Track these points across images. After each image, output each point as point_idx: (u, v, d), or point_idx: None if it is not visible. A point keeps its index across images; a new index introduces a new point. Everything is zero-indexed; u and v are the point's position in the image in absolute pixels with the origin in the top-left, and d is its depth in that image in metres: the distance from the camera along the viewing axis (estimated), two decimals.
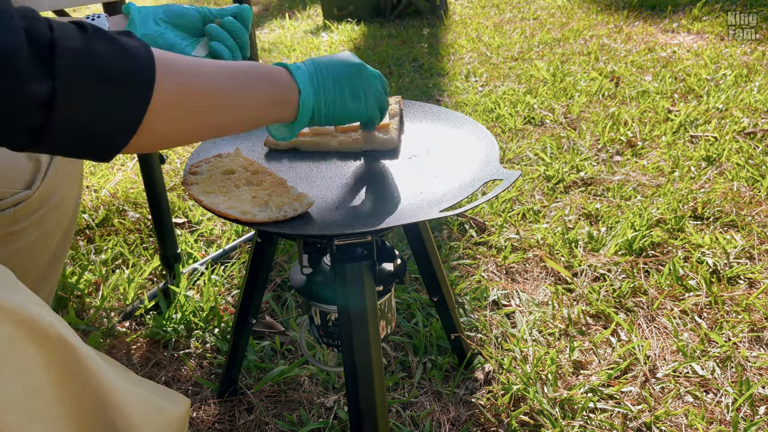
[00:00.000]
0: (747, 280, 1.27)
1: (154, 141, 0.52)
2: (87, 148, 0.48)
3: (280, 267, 1.38)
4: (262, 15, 4.85)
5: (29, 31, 0.41)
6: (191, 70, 0.53)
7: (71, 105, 0.43)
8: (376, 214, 0.63)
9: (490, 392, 1.02)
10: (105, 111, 0.46)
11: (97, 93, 0.45)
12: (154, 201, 1.24)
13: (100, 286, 1.32)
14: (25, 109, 0.42)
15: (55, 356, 0.44)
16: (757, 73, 2.46)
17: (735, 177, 1.66)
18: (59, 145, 0.46)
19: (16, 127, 0.42)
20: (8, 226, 0.71)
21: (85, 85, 0.44)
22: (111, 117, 0.46)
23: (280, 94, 0.60)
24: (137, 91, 0.47)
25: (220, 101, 0.55)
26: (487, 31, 3.57)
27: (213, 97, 0.55)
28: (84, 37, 0.44)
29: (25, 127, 0.43)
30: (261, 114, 0.60)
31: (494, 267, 1.36)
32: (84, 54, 0.44)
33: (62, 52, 0.42)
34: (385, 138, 0.78)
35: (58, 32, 0.43)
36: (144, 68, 0.48)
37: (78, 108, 0.44)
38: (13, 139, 0.44)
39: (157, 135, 0.51)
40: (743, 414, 0.96)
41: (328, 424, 0.97)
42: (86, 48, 0.44)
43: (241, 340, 0.95)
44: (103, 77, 0.45)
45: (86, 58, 0.44)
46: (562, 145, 1.94)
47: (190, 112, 0.53)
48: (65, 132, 0.45)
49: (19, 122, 0.42)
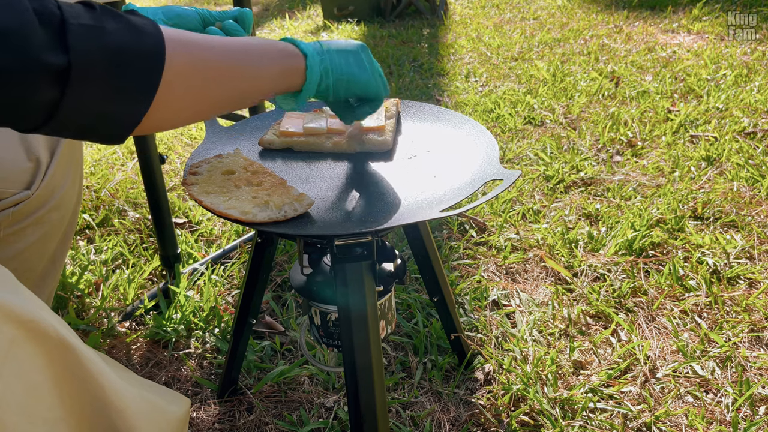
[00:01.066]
0: (747, 280, 1.27)
1: (167, 116, 0.52)
2: (101, 126, 0.48)
3: (280, 267, 1.38)
4: (262, 15, 4.85)
5: (39, 10, 0.42)
6: (200, 44, 0.53)
7: (86, 80, 0.44)
8: (376, 214, 0.63)
9: (490, 392, 1.02)
10: (119, 86, 0.46)
11: (110, 68, 0.45)
12: (154, 201, 1.23)
13: (100, 286, 1.32)
14: (40, 85, 0.42)
15: (55, 357, 0.44)
16: (757, 73, 2.46)
17: (735, 177, 1.66)
18: (74, 122, 0.46)
19: (32, 103, 0.43)
20: (8, 227, 0.71)
21: (98, 59, 0.44)
22: (125, 92, 0.47)
23: (289, 61, 0.61)
24: (149, 65, 0.48)
25: (231, 73, 0.56)
26: (487, 31, 3.57)
27: (224, 69, 0.55)
28: (93, 15, 0.45)
29: (41, 102, 0.43)
30: (271, 83, 0.61)
31: (494, 267, 1.36)
32: (95, 30, 0.44)
33: (73, 28, 0.43)
34: (379, 140, 0.78)
35: (66, 11, 0.43)
36: (154, 44, 0.48)
37: (92, 83, 0.44)
38: (29, 117, 0.44)
39: (170, 110, 0.51)
40: (743, 414, 0.96)
41: (328, 424, 0.97)
42: (97, 24, 0.44)
43: (241, 340, 0.95)
44: (115, 52, 0.45)
45: (97, 34, 0.44)
46: (562, 145, 1.94)
47: (201, 86, 0.53)
48: (80, 108, 0.45)
49: (35, 98, 0.42)
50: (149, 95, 0.48)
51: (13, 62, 0.40)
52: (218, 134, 0.84)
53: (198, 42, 0.53)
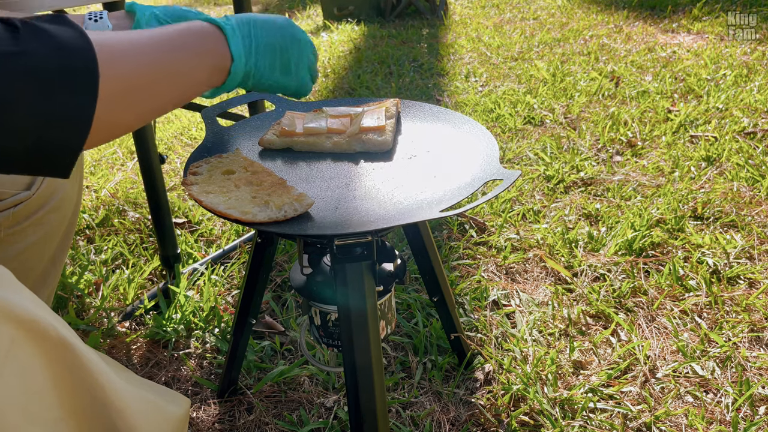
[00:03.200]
0: (747, 281, 1.27)
1: (106, 133, 0.49)
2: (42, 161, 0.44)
3: (280, 267, 1.38)
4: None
5: None
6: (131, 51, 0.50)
7: (10, 116, 0.40)
8: (376, 214, 0.63)
9: (490, 392, 1.02)
10: (51, 116, 0.42)
11: (38, 98, 0.41)
12: (154, 201, 1.23)
13: (100, 286, 1.32)
14: None
15: (54, 357, 0.44)
16: (757, 73, 2.46)
17: (735, 177, 1.66)
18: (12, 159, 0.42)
19: None
20: (8, 227, 0.71)
21: (21, 91, 0.40)
22: (59, 121, 0.43)
23: (216, 63, 0.60)
24: (82, 87, 0.44)
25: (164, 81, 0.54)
26: (487, 31, 3.57)
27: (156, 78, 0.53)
28: (13, 38, 0.41)
29: None
30: (199, 87, 0.59)
31: (494, 267, 1.36)
32: (14, 57, 0.40)
33: None
34: (379, 140, 0.78)
35: None
36: (85, 61, 0.44)
37: (19, 118, 0.41)
38: None
39: (112, 126, 0.49)
40: (743, 414, 0.96)
41: (328, 424, 0.97)
42: (16, 51, 0.40)
43: (241, 340, 0.95)
44: (41, 79, 0.41)
45: (19, 62, 0.40)
46: (562, 145, 1.94)
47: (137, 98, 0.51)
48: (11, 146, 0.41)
49: None
50: (87, 118, 0.45)
51: None
52: (218, 134, 0.84)
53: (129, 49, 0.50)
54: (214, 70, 0.60)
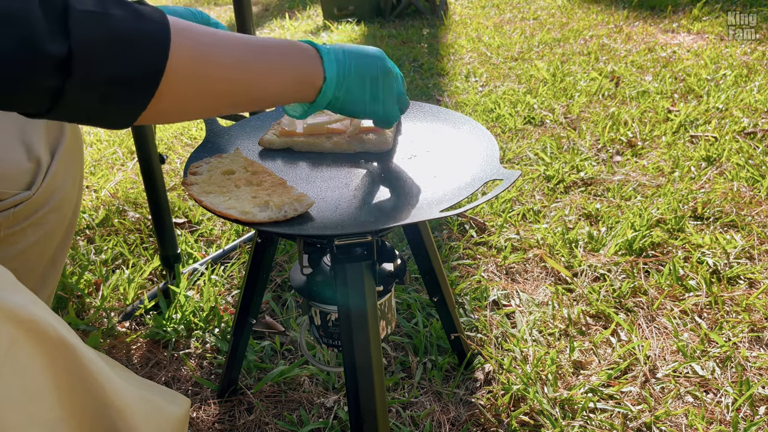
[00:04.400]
0: (747, 281, 1.27)
1: (171, 108, 0.51)
2: (107, 111, 0.48)
3: (280, 267, 1.38)
4: (262, 15, 4.85)
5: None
6: (208, 37, 0.53)
7: (88, 66, 0.44)
8: (375, 214, 0.63)
9: (490, 392, 1.02)
10: (122, 72, 0.46)
11: (113, 54, 0.45)
12: (154, 201, 1.23)
13: (100, 286, 1.32)
14: (42, 72, 0.42)
15: (54, 357, 0.44)
16: (757, 73, 2.46)
17: (735, 177, 1.66)
18: (79, 108, 0.46)
19: (35, 90, 0.43)
20: (8, 228, 0.71)
21: (100, 46, 0.44)
22: (128, 79, 0.47)
23: (306, 76, 0.60)
24: (153, 53, 0.47)
25: (240, 75, 0.55)
26: (487, 31, 3.57)
27: (232, 70, 0.54)
28: (98, 1, 0.45)
29: (43, 89, 0.43)
30: (283, 93, 0.60)
31: (494, 267, 1.36)
32: (98, 15, 0.44)
33: (76, 14, 0.43)
34: (379, 140, 0.78)
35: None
36: (159, 31, 0.48)
37: (95, 70, 0.44)
38: (34, 103, 0.44)
39: (174, 101, 0.51)
40: (743, 414, 0.96)
41: (328, 424, 0.97)
42: (100, 10, 0.44)
43: (241, 340, 0.95)
44: (119, 38, 0.45)
45: (101, 20, 0.44)
46: (562, 145, 1.94)
47: (206, 83, 0.53)
48: (84, 95, 0.45)
49: (38, 85, 0.42)
50: (153, 83, 0.48)
51: (15, 48, 0.40)
52: (218, 134, 0.84)
53: (206, 34, 0.53)
54: (303, 84, 0.60)
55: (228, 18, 4.81)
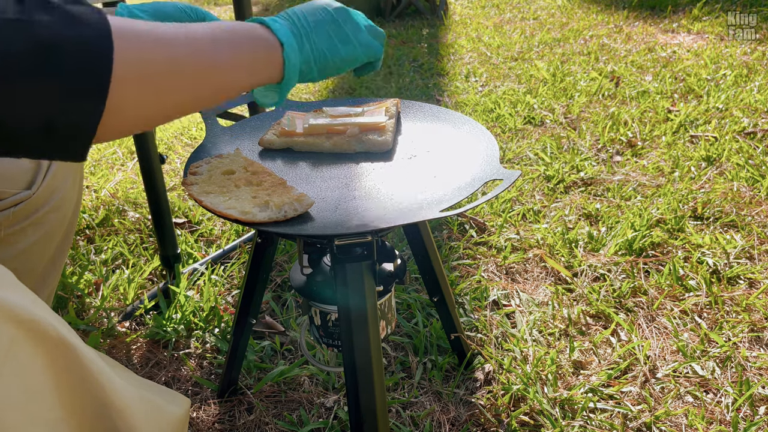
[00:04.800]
0: (747, 280, 1.27)
1: (126, 122, 0.45)
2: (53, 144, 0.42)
3: (280, 267, 1.38)
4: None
5: None
6: (156, 34, 0.46)
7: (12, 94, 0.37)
8: (376, 214, 0.63)
9: (490, 392, 1.02)
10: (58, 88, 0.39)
11: (42, 68, 0.38)
12: (154, 201, 1.23)
13: (100, 286, 1.32)
14: None
15: (55, 357, 0.44)
16: (757, 73, 2.46)
17: (735, 177, 1.66)
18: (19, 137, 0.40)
19: None
20: (8, 227, 0.71)
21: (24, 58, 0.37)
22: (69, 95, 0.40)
23: (262, 52, 0.54)
24: (92, 61, 0.41)
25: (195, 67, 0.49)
26: (487, 31, 3.57)
27: (186, 63, 0.48)
28: (20, 8, 0.38)
29: None
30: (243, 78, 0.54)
31: (494, 267, 1.36)
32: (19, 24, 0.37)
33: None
34: (379, 140, 0.78)
35: None
36: (97, 35, 0.41)
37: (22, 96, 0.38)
38: None
39: (127, 115, 0.44)
40: (743, 414, 0.96)
41: (328, 424, 0.97)
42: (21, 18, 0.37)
43: (241, 340, 0.95)
44: (46, 48, 0.38)
45: (22, 28, 0.37)
46: (562, 145, 1.94)
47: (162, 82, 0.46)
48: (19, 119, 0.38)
49: None
50: (99, 96, 0.41)
51: None
52: (218, 134, 0.84)
53: (154, 31, 0.46)
54: (260, 62, 0.54)
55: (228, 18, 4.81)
